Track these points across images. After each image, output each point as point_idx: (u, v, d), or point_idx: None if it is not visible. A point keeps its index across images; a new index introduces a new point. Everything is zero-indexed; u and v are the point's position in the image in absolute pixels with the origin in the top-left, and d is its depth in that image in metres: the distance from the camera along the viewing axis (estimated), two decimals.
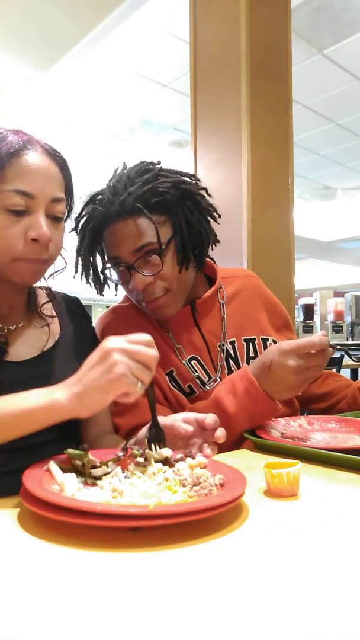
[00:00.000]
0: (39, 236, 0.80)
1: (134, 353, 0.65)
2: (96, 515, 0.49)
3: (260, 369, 0.96)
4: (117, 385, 0.63)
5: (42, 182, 0.81)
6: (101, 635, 0.34)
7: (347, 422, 1.04)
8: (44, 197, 0.82)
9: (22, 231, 0.80)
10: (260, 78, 2.03)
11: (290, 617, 0.36)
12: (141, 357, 0.65)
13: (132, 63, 4.05)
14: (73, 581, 0.42)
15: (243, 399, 0.96)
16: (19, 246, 0.81)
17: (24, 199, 0.80)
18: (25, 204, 0.80)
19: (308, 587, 0.40)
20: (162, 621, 0.36)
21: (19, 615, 0.37)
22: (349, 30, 3.60)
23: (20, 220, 0.80)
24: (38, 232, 0.80)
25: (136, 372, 0.64)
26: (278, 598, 0.39)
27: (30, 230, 0.80)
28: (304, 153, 5.80)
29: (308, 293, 5.28)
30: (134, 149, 5.97)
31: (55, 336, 0.97)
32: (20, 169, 0.80)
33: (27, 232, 0.80)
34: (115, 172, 1.11)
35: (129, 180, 1.04)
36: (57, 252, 0.88)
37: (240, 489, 0.57)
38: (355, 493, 0.66)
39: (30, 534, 0.52)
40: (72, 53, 3.67)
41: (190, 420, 0.75)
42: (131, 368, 0.64)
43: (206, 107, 2.16)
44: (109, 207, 1.03)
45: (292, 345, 0.93)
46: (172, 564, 0.45)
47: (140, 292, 1.06)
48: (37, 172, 0.81)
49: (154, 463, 0.65)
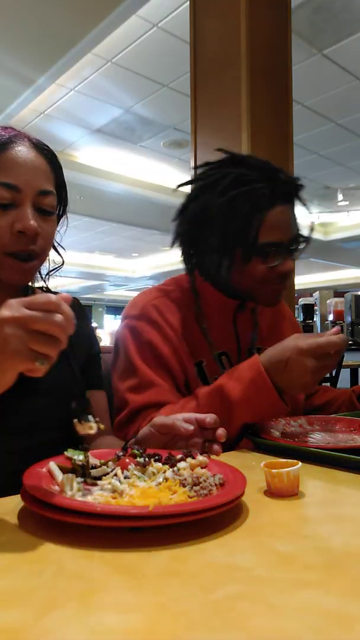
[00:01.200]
0: (25, 228, 0.80)
1: (31, 321, 0.53)
2: (96, 515, 0.49)
3: (275, 364, 0.94)
4: (11, 364, 0.54)
5: (28, 174, 0.81)
6: (101, 635, 0.34)
7: (347, 422, 1.04)
8: (31, 189, 0.81)
9: (8, 224, 0.80)
10: (260, 78, 2.03)
11: (290, 617, 0.36)
12: (41, 327, 0.53)
13: (132, 63, 4.06)
14: (73, 581, 0.42)
15: (248, 388, 0.94)
16: (5, 239, 0.80)
17: (9, 192, 0.79)
18: (12, 197, 0.80)
19: (308, 587, 0.40)
20: (162, 621, 0.36)
21: (19, 615, 0.37)
22: (349, 30, 3.60)
23: (6, 213, 0.80)
24: (24, 224, 0.80)
25: (35, 346, 0.53)
26: (278, 598, 0.39)
27: (16, 223, 0.80)
28: (304, 153, 5.80)
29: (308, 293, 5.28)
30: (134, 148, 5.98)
31: None
32: (5, 162, 0.80)
33: (13, 224, 0.80)
34: (237, 159, 1.14)
35: (276, 170, 1.11)
36: (47, 246, 0.87)
37: (240, 489, 0.57)
38: (355, 493, 0.66)
39: (31, 534, 0.52)
40: (72, 53, 3.67)
41: (190, 419, 0.75)
42: (27, 342, 0.52)
43: (206, 107, 2.16)
44: (274, 190, 1.07)
45: (312, 344, 0.91)
46: (172, 564, 0.45)
47: (278, 277, 1.10)
48: (22, 165, 0.81)
49: (154, 463, 0.65)
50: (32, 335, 0.52)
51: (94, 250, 11.45)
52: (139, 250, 11.46)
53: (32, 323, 0.53)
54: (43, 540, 0.50)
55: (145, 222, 8.60)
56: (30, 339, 0.52)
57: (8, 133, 0.83)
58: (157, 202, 7.21)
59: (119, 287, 16.45)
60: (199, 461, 0.65)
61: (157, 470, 0.63)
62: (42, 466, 0.63)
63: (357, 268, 12.82)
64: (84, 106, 4.85)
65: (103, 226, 9.17)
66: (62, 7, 3.18)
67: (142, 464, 0.64)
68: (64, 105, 4.84)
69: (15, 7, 3.18)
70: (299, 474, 0.63)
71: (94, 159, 6.31)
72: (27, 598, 0.39)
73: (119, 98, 4.68)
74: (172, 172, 6.77)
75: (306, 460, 0.78)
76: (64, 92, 4.58)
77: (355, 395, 1.28)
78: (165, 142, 5.73)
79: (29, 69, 3.91)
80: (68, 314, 0.55)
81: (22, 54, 3.71)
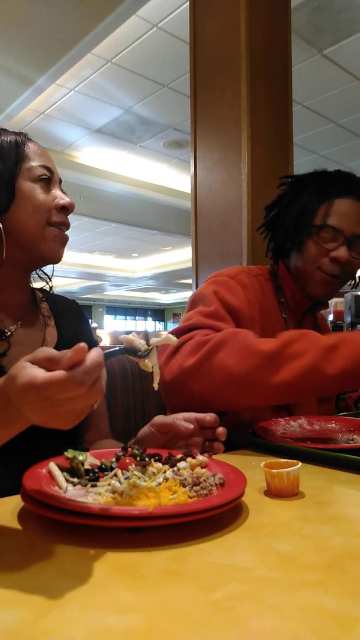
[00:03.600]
0: (68, 204, 0.90)
1: (56, 406, 0.47)
2: (96, 516, 0.49)
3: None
4: (59, 424, 0.50)
5: (51, 162, 0.92)
6: (101, 635, 0.34)
7: (347, 422, 1.04)
8: (57, 174, 0.93)
9: (52, 199, 0.89)
10: (260, 78, 2.03)
11: (290, 617, 0.36)
12: (65, 409, 0.48)
13: (132, 63, 4.06)
14: (73, 581, 0.42)
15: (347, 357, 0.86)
16: (52, 211, 0.89)
17: (48, 172, 0.89)
18: (50, 176, 0.90)
19: (308, 587, 0.40)
20: (162, 621, 0.36)
21: (19, 615, 0.37)
22: (349, 30, 3.60)
23: (49, 190, 0.90)
24: (66, 200, 0.90)
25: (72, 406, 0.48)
26: (278, 598, 0.39)
27: (59, 199, 0.89)
28: (304, 153, 5.80)
29: None
30: (134, 149, 5.97)
31: (53, 341, 0.95)
32: (36, 150, 0.90)
33: (55, 200, 0.89)
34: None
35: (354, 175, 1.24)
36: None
37: (240, 488, 0.57)
38: (355, 493, 0.66)
39: (31, 534, 0.52)
40: (71, 53, 3.67)
41: (190, 419, 0.75)
42: (66, 405, 0.48)
43: (206, 107, 2.16)
44: (345, 182, 1.19)
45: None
46: (172, 564, 0.45)
47: (330, 263, 1.16)
48: (45, 154, 0.92)
49: (154, 463, 0.65)
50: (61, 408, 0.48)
51: (94, 251, 11.45)
52: (139, 250, 11.46)
53: (59, 407, 0.48)
54: (43, 540, 0.50)
55: (145, 222, 8.59)
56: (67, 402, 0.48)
57: (16, 135, 0.91)
58: (157, 202, 7.21)
59: (119, 287, 16.44)
60: (199, 461, 0.65)
61: (157, 470, 0.63)
62: (42, 467, 0.63)
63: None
64: (84, 106, 4.85)
65: (103, 226, 9.16)
66: (62, 7, 3.18)
67: (142, 464, 0.64)
68: (64, 106, 4.84)
69: (15, 8, 3.18)
70: (299, 474, 0.63)
71: (94, 159, 6.30)
72: (27, 598, 0.39)
73: (119, 98, 4.68)
74: (172, 172, 6.77)
75: (306, 460, 0.78)
76: (64, 92, 4.58)
77: (352, 400, 1.29)
78: (165, 142, 5.72)
79: (29, 69, 3.91)
80: (90, 377, 0.47)
81: (22, 54, 3.70)
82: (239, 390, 0.90)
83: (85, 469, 0.64)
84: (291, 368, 0.86)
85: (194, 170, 2.20)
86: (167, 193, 6.92)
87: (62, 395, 0.46)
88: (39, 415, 0.48)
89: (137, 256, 12.29)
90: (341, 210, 1.15)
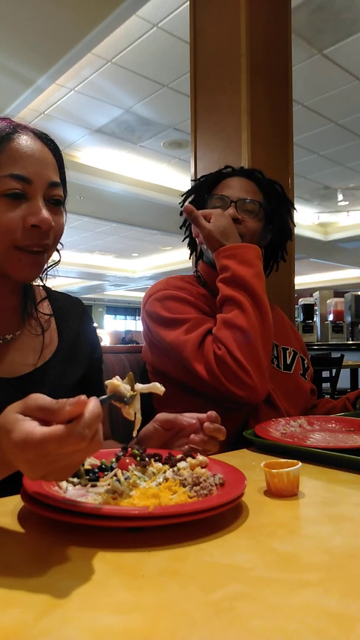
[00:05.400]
0: (40, 222, 0.75)
1: (52, 462, 0.47)
2: (96, 516, 0.49)
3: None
4: (57, 477, 0.50)
5: (37, 165, 0.77)
6: (101, 635, 0.34)
7: (347, 422, 1.04)
8: (41, 181, 0.77)
9: (21, 217, 0.75)
10: (260, 78, 2.03)
11: (290, 617, 0.36)
12: (63, 463, 0.48)
13: (132, 63, 4.06)
14: (73, 581, 0.42)
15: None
16: (18, 232, 0.75)
17: (20, 184, 0.75)
18: (23, 189, 0.75)
19: (308, 587, 0.40)
20: (162, 621, 0.35)
21: (19, 615, 0.37)
22: (349, 30, 3.60)
23: (18, 205, 0.75)
24: (38, 218, 0.75)
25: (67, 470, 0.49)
26: (278, 598, 0.39)
27: (30, 217, 0.75)
28: (304, 153, 5.80)
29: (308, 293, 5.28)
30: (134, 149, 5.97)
31: (53, 345, 0.90)
32: (13, 153, 0.76)
33: (26, 218, 0.76)
34: None
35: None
36: (56, 240, 0.83)
37: (240, 489, 0.57)
38: (355, 493, 0.66)
39: (31, 534, 0.52)
40: (71, 53, 3.67)
41: (192, 417, 0.76)
42: (60, 462, 0.48)
43: (206, 107, 2.16)
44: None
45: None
46: (172, 564, 0.45)
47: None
48: (31, 156, 0.77)
49: (154, 463, 0.65)
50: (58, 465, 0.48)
51: (94, 250, 11.45)
52: (139, 250, 11.46)
53: (55, 463, 0.47)
54: (43, 540, 0.50)
55: (145, 222, 8.59)
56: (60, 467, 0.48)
57: (9, 123, 0.79)
58: (157, 202, 7.21)
59: (119, 287, 16.44)
60: (199, 461, 0.65)
61: (157, 470, 0.63)
62: None
63: (357, 268, 12.81)
64: (84, 106, 4.85)
65: (103, 226, 9.16)
66: (62, 7, 3.18)
67: (142, 464, 0.64)
68: (64, 105, 4.84)
69: (15, 7, 3.18)
70: (299, 474, 0.63)
71: (94, 159, 6.31)
72: (27, 598, 0.39)
73: (119, 98, 4.68)
74: (172, 172, 6.77)
75: (306, 460, 0.78)
76: (64, 92, 4.58)
77: (349, 402, 1.29)
78: (165, 142, 5.72)
79: (29, 69, 3.91)
80: (88, 433, 0.46)
81: (22, 54, 3.70)
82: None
83: (85, 469, 0.64)
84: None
85: (194, 170, 2.20)
86: (167, 193, 6.91)
87: (62, 450, 0.45)
88: (36, 471, 0.47)
89: (137, 256, 12.29)
90: (227, 184, 1.34)
